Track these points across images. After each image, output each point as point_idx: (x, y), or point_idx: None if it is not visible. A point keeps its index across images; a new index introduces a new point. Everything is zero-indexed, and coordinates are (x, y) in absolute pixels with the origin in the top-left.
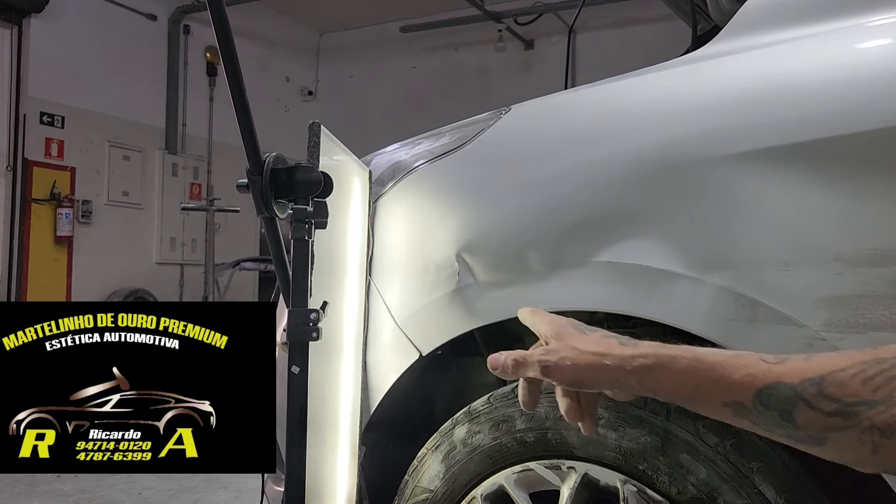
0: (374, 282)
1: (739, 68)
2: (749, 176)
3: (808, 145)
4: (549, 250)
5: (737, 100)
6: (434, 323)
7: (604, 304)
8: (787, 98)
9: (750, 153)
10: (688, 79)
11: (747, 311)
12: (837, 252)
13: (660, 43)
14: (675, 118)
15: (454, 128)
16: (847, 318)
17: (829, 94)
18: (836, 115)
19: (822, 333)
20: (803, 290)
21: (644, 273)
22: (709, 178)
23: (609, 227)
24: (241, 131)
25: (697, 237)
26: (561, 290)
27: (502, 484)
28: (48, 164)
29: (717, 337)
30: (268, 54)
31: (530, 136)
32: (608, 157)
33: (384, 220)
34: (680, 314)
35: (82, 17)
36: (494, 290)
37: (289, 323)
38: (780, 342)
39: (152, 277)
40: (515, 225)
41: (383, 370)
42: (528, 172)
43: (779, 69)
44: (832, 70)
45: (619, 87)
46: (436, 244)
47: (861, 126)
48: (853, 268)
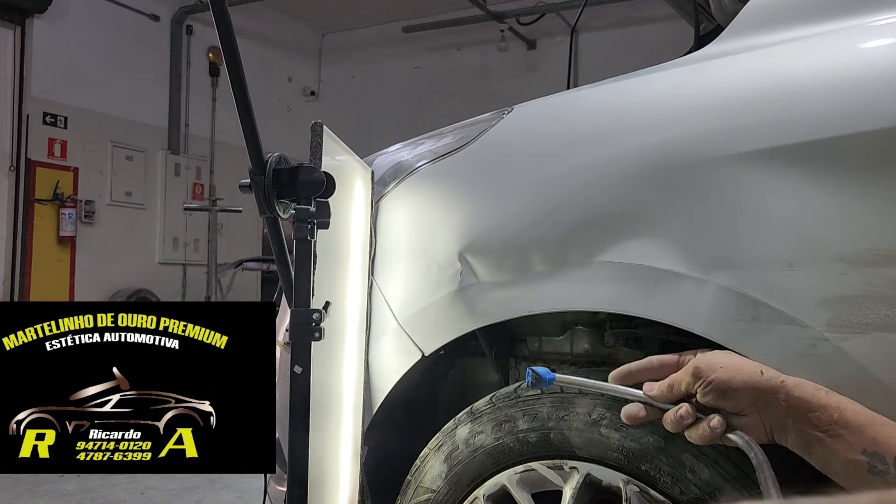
0: (376, 282)
1: (742, 68)
2: (752, 176)
3: (810, 145)
4: (552, 250)
5: (739, 100)
6: (436, 323)
7: (606, 304)
8: (790, 98)
9: (753, 153)
10: (690, 79)
11: (750, 312)
12: (840, 252)
13: (662, 43)
14: (677, 118)
15: (456, 128)
16: (850, 319)
17: (831, 94)
18: (838, 115)
19: (825, 334)
20: (806, 290)
21: (647, 273)
22: (712, 178)
23: (612, 228)
24: (243, 131)
25: (700, 237)
26: (564, 290)
27: (504, 484)
28: (51, 165)
29: (720, 337)
30: (270, 54)
31: (532, 137)
32: (611, 157)
33: (386, 221)
34: (683, 314)
35: (85, 18)
36: (497, 291)
37: (291, 323)
38: (784, 342)
39: (155, 277)
40: (518, 225)
41: (385, 370)
42: (531, 172)
43: (781, 69)
44: (835, 70)
45: (621, 87)
46: (438, 244)
47: (863, 126)
48: (856, 268)
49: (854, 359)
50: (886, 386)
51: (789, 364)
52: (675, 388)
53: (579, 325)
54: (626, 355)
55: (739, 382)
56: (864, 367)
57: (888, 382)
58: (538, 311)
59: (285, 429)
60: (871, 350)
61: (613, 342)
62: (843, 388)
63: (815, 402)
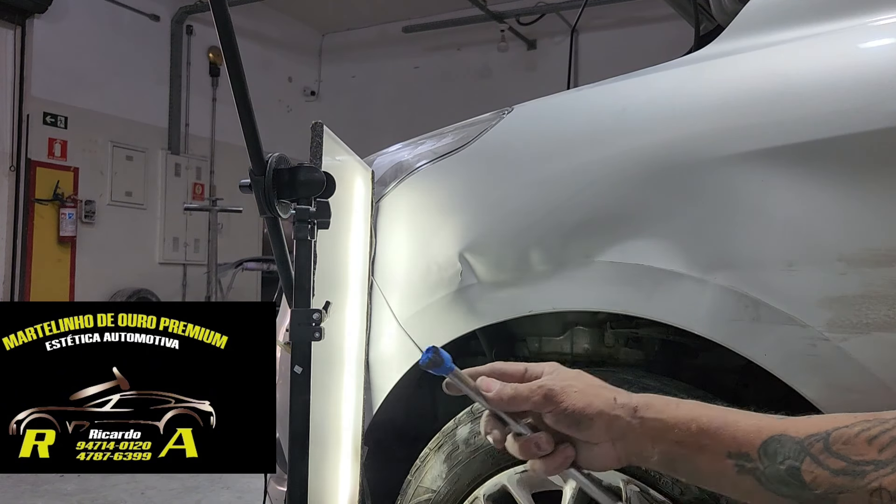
0: (376, 282)
1: (742, 68)
2: (752, 176)
3: (811, 145)
4: (552, 250)
5: (740, 100)
6: (436, 323)
7: (606, 304)
8: (790, 98)
9: (753, 153)
10: (691, 79)
11: (750, 312)
12: (841, 252)
13: (662, 43)
14: (677, 118)
15: (457, 128)
16: (850, 319)
17: (832, 94)
18: (839, 114)
19: (825, 334)
20: (807, 290)
21: (647, 273)
22: (712, 178)
23: (612, 227)
24: (243, 131)
25: (700, 237)
26: (564, 290)
27: (505, 484)
28: (51, 165)
29: (720, 337)
30: (270, 54)
31: (533, 137)
32: (611, 157)
33: (386, 221)
34: (683, 314)
35: (85, 18)
36: (497, 291)
37: (291, 323)
38: (784, 343)
39: (155, 278)
40: (518, 225)
41: (386, 370)
42: (531, 172)
43: (782, 69)
44: (835, 70)
45: (621, 87)
46: (438, 244)
47: (864, 126)
48: (857, 268)
49: (854, 359)
50: (887, 386)
51: (789, 364)
52: (517, 402)
53: (579, 325)
54: (626, 355)
55: (594, 412)
56: (864, 368)
57: (889, 382)
58: (538, 311)
59: (285, 429)
60: (872, 350)
61: (614, 342)
62: (843, 389)
63: (670, 421)
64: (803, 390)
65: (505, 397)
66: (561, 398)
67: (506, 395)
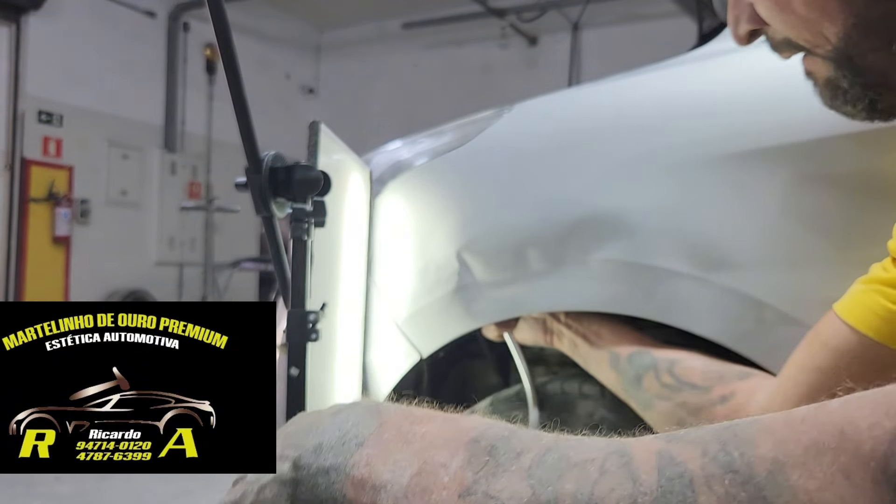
0: (374, 281)
1: (746, 66)
2: (755, 174)
3: (814, 144)
4: (551, 249)
5: (743, 97)
6: (434, 323)
7: (605, 303)
8: (794, 96)
9: (756, 151)
10: (693, 76)
11: (752, 313)
12: (843, 252)
13: (665, 40)
14: (679, 116)
15: (456, 126)
16: None
17: None
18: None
19: None
20: (809, 290)
21: (647, 272)
22: (714, 176)
23: (611, 226)
24: (239, 129)
25: (701, 236)
26: (562, 289)
27: None
28: (46, 163)
29: (721, 338)
30: (268, 51)
31: (533, 135)
32: (611, 155)
33: (384, 219)
34: (683, 314)
35: (80, 15)
36: (495, 290)
37: (287, 324)
38: (786, 343)
39: (151, 277)
40: (517, 223)
41: (384, 372)
42: (531, 171)
43: (786, 67)
44: None
45: (623, 84)
46: (436, 243)
47: (866, 125)
48: (859, 268)
49: None
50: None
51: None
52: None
53: None
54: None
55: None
56: None
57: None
58: (537, 311)
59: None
60: None
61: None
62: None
63: (587, 322)
64: None
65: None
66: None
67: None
